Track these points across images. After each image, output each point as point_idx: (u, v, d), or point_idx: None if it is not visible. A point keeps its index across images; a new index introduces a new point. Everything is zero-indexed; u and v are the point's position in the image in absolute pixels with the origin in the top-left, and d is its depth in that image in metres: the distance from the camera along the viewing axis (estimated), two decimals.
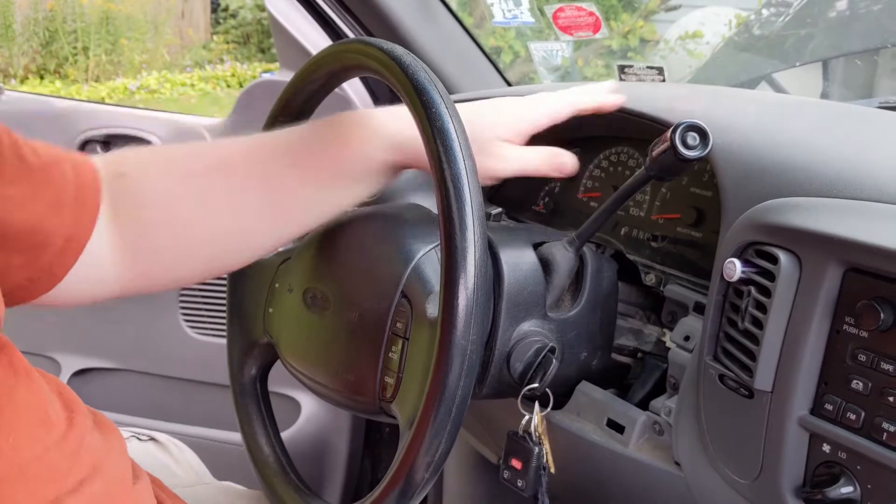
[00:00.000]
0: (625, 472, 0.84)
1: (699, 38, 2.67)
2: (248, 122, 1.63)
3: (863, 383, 0.63)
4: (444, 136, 0.68)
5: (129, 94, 6.87)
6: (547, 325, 0.82)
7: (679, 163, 0.73)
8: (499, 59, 1.55)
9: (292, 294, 0.87)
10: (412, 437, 0.68)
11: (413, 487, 0.68)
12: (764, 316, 0.67)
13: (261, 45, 7.80)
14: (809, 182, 0.72)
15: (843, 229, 0.64)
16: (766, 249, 0.69)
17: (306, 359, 0.85)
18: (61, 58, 7.22)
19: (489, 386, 0.81)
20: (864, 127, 0.88)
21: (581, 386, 0.88)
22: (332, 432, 1.74)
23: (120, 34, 7.32)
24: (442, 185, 0.67)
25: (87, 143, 1.85)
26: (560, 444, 0.86)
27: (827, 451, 0.65)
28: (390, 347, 0.76)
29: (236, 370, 0.94)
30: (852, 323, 0.64)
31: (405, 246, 0.79)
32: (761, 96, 1.20)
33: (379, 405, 0.78)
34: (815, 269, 0.65)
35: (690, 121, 0.73)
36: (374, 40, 0.77)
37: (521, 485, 0.81)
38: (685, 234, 0.93)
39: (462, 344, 0.65)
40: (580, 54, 2.65)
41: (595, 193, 1.08)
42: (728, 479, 0.72)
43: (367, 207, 0.92)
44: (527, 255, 0.82)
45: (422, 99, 0.70)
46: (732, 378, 0.71)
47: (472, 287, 0.65)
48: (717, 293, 0.73)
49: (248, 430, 0.92)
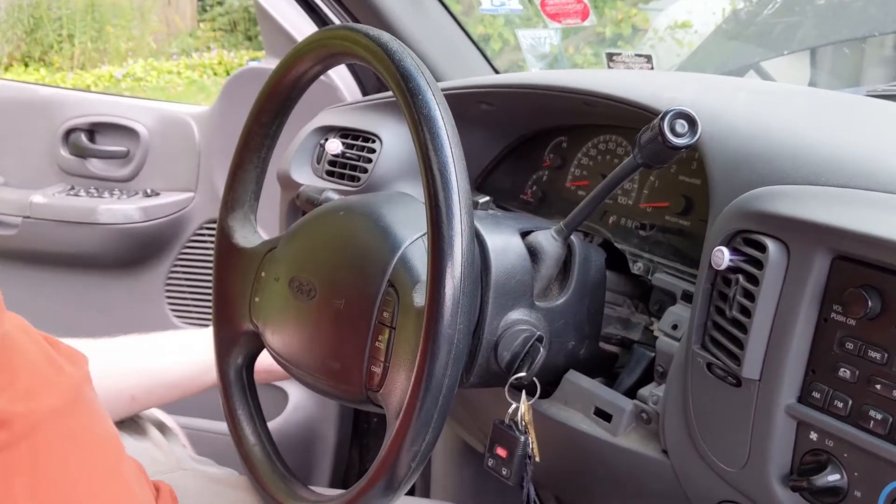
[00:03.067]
0: (612, 460, 0.83)
1: (688, 28, 2.66)
2: (234, 110, 1.62)
3: (850, 371, 0.63)
4: (431, 124, 0.67)
5: (115, 82, 6.81)
6: (534, 314, 0.82)
7: (667, 150, 0.73)
8: (487, 47, 1.54)
9: (279, 283, 0.86)
10: (399, 427, 0.67)
11: (400, 477, 0.68)
12: (752, 304, 0.67)
13: (248, 32, 7.74)
14: (797, 170, 0.72)
15: (831, 217, 0.64)
16: (754, 238, 0.69)
17: (292, 348, 0.84)
18: (46, 45, 7.15)
19: (476, 375, 0.80)
20: (852, 115, 0.88)
21: (568, 375, 0.87)
22: (320, 422, 1.74)
23: (105, 21, 7.25)
24: (429, 172, 0.67)
25: (71, 131, 1.84)
26: (547, 433, 0.86)
27: (814, 440, 0.65)
28: (377, 336, 0.76)
29: (222, 359, 0.93)
30: (840, 311, 0.64)
31: (392, 235, 0.79)
32: (750, 84, 1.20)
33: (366, 394, 0.77)
34: (803, 257, 0.65)
35: (679, 108, 0.72)
36: (360, 27, 0.76)
37: (506, 473, 0.81)
38: (673, 223, 0.92)
39: (449, 333, 0.65)
40: (570, 42, 2.64)
41: (583, 182, 1.07)
42: (715, 467, 0.72)
43: (354, 196, 0.91)
44: (514, 243, 0.82)
45: (408, 86, 0.69)
46: (720, 366, 0.71)
47: (459, 276, 0.65)
48: (706, 281, 0.73)
49: (233, 418, 0.91)
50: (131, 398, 1.01)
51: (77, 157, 1.84)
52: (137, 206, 1.77)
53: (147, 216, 1.76)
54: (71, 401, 0.70)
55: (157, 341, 1.09)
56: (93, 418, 0.74)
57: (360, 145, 1.21)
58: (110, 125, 1.83)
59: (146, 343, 1.08)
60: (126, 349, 1.06)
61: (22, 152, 1.88)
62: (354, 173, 1.20)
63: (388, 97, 1.22)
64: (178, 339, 1.12)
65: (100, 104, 1.86)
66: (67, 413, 0.69)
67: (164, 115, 1.83)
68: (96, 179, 1.85)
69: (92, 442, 0.72)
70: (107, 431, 0.76)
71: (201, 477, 1.00)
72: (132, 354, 1.06)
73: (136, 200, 1.80)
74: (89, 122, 1.84)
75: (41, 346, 0.72)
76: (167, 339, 1.12)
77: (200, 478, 1.00)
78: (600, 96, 0.93)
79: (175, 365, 1.06)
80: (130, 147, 1.83)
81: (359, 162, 1.20)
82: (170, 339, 1.13)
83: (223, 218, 0.94)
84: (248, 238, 0.93)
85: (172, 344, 1.10)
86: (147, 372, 1.04)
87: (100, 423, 0.75)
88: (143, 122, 1.82)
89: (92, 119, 1.84)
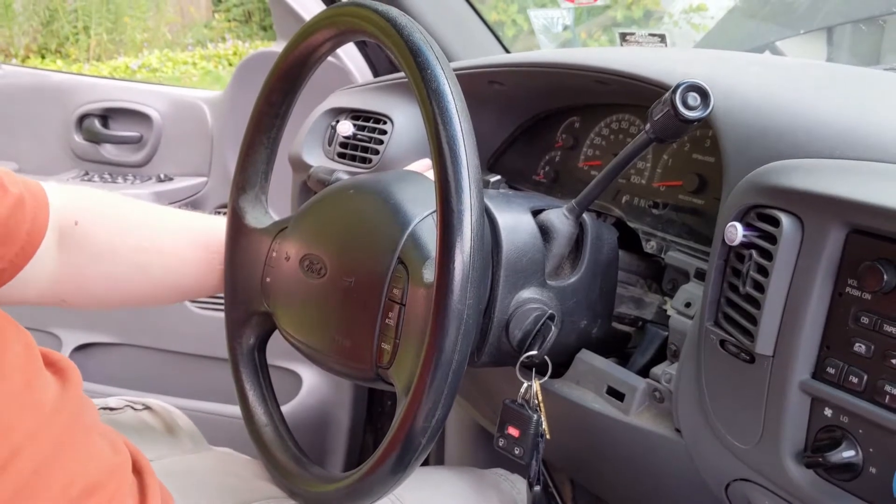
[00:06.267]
0: (625, 439, 0.83)
1: (703, 12, 2.64)
2: (246, 94, 1.62)
3: (865, 346, 0.62)
4: (440, 98, 0.67)
5: (131, 73, 6.83)
6: (546, 293, 0.81)
7: (680, 124, 0.72)
8: (501, 34, 1.53)
9: (289, 262, 0.86)
10: (409, 402, 0.67)
11: (411, 453, 0.68)
12: (765, 279, 0.66)
13: (262, 22, 7.74)
14: (811, 143, 0.71)
15: (846, 190, 0.63)
16: (767, 212, 0.68)
17: (303, 326, 0.84)
18: (62, 37, 7.18)
19: (487, 354, 0.80)
20: (868, 88, 0.87)
21: (581, 354, 0.87)
22: (334, 405, 1.74)
23: (121, 13, 7.27)
24: (438, 147, 0.66)
25: (84, 117, 1.84)
26: (559, 413, 0.86)
27: (828, 416, 0.64)
28: (387, 314, 0.75)
29: (234, 340, 0.93)
30: (855, 285, 0.63)
31: (402, 212, 0.78)
32: (764, 59, 1.18)
33: (376, 372, 0.77)
34: (818, 231, 0.64)
35: (691, 81, 0.71)
36: (369, 3, 0.75)
37: (519, 452, 0.80)
38: (687, 202, 0.92)
39: (458, 308, 0.64)
40: (584, 28, 2.62)
41: (596, 162, 1.06)
42: (728, 444, 0.72)
43: (364, 175, 0.91)
44: (525, 221, 0.81)
45: (417, 60, 0.68)
46: (733, 343, 0.70)
47: (469, 250, 0.64)
48: (719, 258, 0.72)
49: (245, 399, 0.91)
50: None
51: (91, 143, 1.85)
52: (151, 191, 1.77)
53: (160, 201, 1.76)
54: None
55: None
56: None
57: (372, 127, 1.20)
58: (123, 110, 1.84)
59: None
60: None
61: (36, 138, 1.89)
62: (366, 155, 1.19)
63: (400, 78, 1.21)
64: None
65: (113, 90, 1.87)
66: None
67: (177, 100, 1.83)
68: (110, 165, 1.86)
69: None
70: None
71: (219, 457, 1.00)
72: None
73: (150, 185, 1.81)
74: (103, 107, 1.85)
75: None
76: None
77: (219, 458, 1.00)
78: (612, 73, 0.92)
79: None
80: (143, 132, 1.84)
81: (370, 143, 1.19)
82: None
83: (234, 199, 0.94)
84: (259, 219, 0.93)
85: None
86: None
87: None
88: (156, 107, 1.82)
89: (105, 104, 1.84)
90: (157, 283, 0.94)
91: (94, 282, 0.90)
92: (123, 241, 0.91)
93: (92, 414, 0.82)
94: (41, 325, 1.87)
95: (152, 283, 0.94)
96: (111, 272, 0.90)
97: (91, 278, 0.90)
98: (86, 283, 0.90)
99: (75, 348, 1.87)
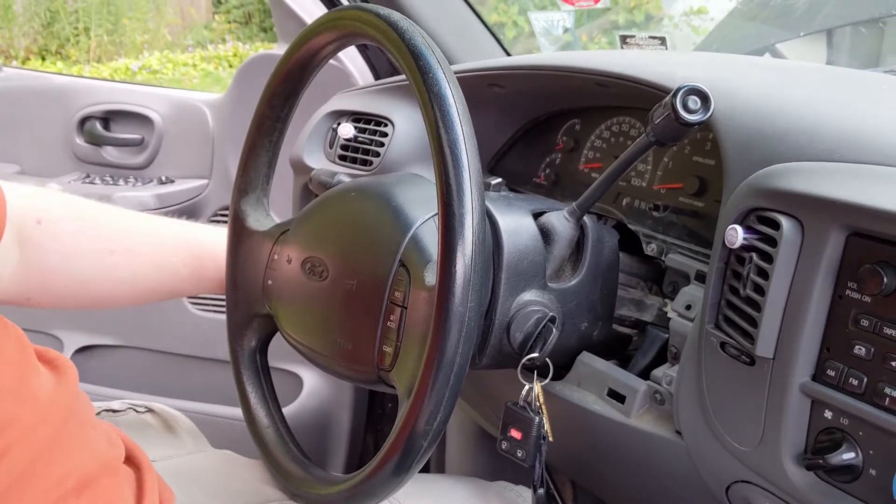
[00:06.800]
0: (626, 441, 0.83)
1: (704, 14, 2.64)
2: (247, 97, 1.62)
3: (865, 349, 0.62)
4: (442, 102, 0.67)
5: (132, 75, 6.84)
6: (547, 295, 0.82)
7: (680, 127, 0.72)
8: (502, 36, 1.54)
9: (291, 265, 0.86)
10: (411, 405, 0.67)
11: (412, 455, 0.68)
12: (766, 282, 0.67)
13: (262, 24, 7.74)
14: (812, 146, 0.71)
15: (846, 193, 0.63)
16: (768, 215, 0.68)
17: (305, 329, 0.85)
18: (63, 38, 7.18)
19: (489, 356, 0.80)
20: (868, 91, 0.87)
21: (582, 356, 0.87)
22: (335, 407, 1.74)
23: (121, 14, 7.27)
24: (439, 150, 0.66)
25: (86, 119, 1.84)
26: (560, 415, 0.86)
27: (829, 418, 0.65)
28: (388, 316, 0.76)
29: (236, 342, 0.94)
30: (855, 288, 0.63)
31: (403, 215, 0.78)
32: (764, 62, 1.18)
33: (378, 374, 0.77)
34: (818, 234, 0.64)
35: (692, 84, 0.71)
36: (370, 6, 0.76)
37: (521, 455, 0.80)
38: (687, 204, 0.92)
39: (460, 311, 0.65)
40: (584, 31, 2.63)
41: (597, 164, 1.07)
42: (729, 446, 0.72)
43: (366, 178, 0.91)
44: (526, 224, 0.82)
45: (418, 64, 0.69)
46: (734, 345, 0.70)
47: (470, 253, 0.65)
48: (719, 260, 0.73)
49: (246, 401, 0.92)
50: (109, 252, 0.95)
51: (92, 145, 1.85)
52: (152, 194, 1.77)
53: (162, 203, 1.77)
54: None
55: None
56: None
57: (373, 129, 1.20)
58: (125, 113, 1.84)
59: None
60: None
61: (37, 140, 1.89)
62: (367, 157, 1.20)
63: (401, 81, 1.21)
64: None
65: (114, 92, 1.87)
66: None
67: (178, 103, 1.84)
68: (111, 167, 1.86)
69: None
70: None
71: (222, 459, 1.00)
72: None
73: (151, 188, 1.81)
74: (104, 109, 1.85)
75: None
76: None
77: (221, 460, 1.00)
78: (613, 76, 0.92)
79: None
80: (145, 134, 1.84)
81: (371, 146, 1.19)
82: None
83: (236, 202, 0.94)
84: (261, 221, 0.93)
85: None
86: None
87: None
88: (157, 109, 1.83)
89: (106, 107, 1.85)
90: (128, 284, 0.94)
91: (59, 281, 0.90)
92: (90, 242, 0.91)
93: (87, 408, 0.82)
94: (42, 326, 1.87)
95: (122, 285, 0.94)
96: (77, 272, 0.90)
97: (56, 278, 0.89)
98: (50, 282, 0.89)
99: (76, 350, 1.87)
